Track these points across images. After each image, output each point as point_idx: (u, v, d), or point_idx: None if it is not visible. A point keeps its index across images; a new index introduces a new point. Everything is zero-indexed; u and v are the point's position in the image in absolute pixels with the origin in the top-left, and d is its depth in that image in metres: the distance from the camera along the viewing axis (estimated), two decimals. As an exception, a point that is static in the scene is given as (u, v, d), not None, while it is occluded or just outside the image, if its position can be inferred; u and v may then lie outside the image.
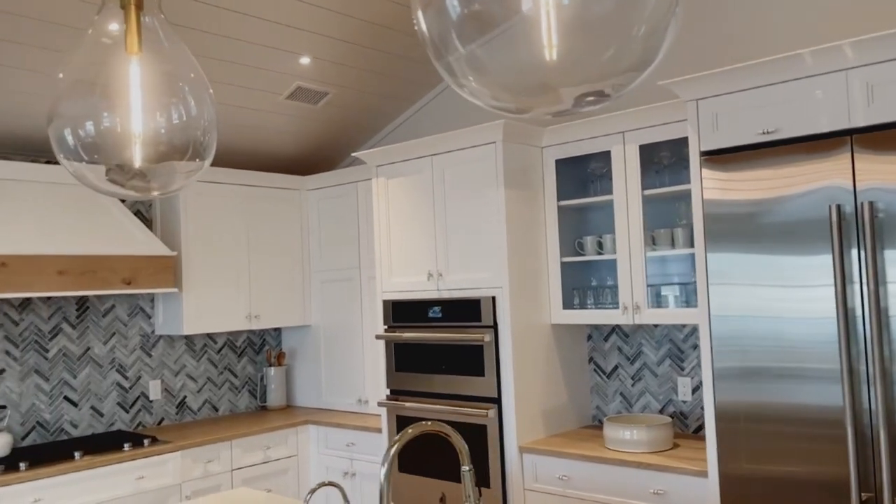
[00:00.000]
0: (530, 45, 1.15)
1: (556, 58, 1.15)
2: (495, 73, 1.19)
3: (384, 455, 1.70)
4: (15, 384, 3.97)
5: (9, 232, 3.60)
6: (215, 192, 4.54)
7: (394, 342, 4.01)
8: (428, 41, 1.19)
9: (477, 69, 1.19)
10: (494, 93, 1.21)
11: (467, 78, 1.20)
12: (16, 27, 3.12)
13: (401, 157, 3.99)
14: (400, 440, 1.73)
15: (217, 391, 4.86)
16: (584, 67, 1.17)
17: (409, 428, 1.76)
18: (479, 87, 1.22)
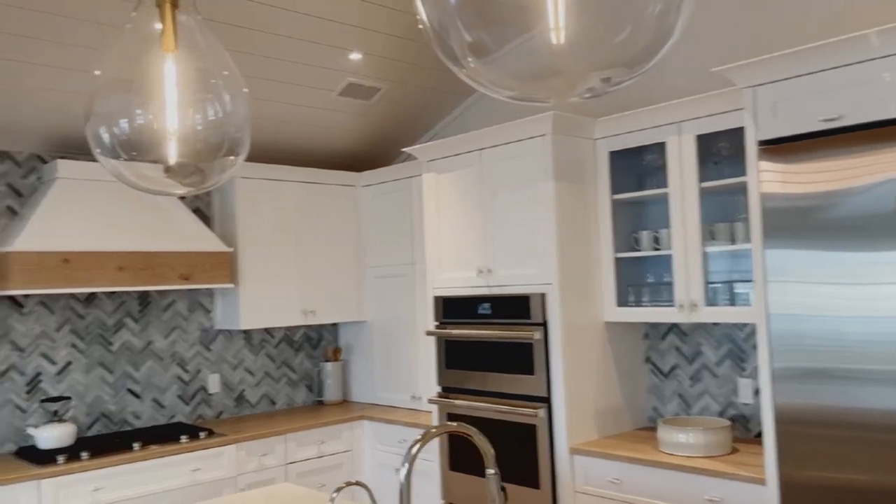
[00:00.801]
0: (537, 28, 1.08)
1: (563, 41, 1.08)
2: (501, 59, 1.13)
3: (405, 455, 1.66)
4: (81, 376, 4.12)
5: (72, 229, 3.73)
6: (271, 189, 4.60)
7: (444, 339, 3.97)
8: (429, 29, 1.13)
9: (481, 55, 1.13)
10: (501, 80, 1.15)
11: (470, 65, 1.14)
12: (67, 28, 3.22)
13: (450, 152, 3.95)
14: (422, 441, 1.69)
15: (275, 385, 4.94)
16: (595, 51, 1.09)
17: (431, 428, 1.71)
18: (486, 74, 1.16)
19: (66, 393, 4.06)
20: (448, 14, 1.11)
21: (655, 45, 1.08)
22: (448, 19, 1.11)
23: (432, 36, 1.15)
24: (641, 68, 1.11)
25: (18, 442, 3.90)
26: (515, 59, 1.13)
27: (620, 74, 1.11)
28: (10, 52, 3.25)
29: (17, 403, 3.90)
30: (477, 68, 1.16)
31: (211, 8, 3.33)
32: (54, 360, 4.04)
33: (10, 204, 3.95)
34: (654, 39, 1.07)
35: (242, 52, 3.68)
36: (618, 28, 1.08)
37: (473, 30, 1.11)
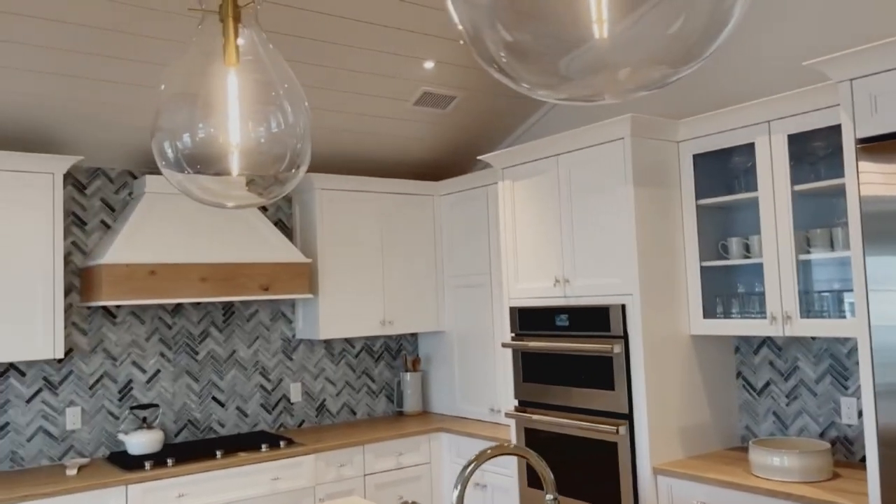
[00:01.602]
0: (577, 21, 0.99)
1: (607, 35, 0.98)
2: (539, 58, 1.04)
3: (458, 476, 1.58)
4: (169, 384, 4.26)
5: (158, 242, 3.86)
6: (350, 200, 4.63)
7: (520, 351, 3.86)
8: (463, 32, 1.06)
9: (518, 55, 1.05)
10: (541, 80, 1.06)
11: (508, 66, 1.06)
12: (152, 48, 3.32)
13: (525, 159, 3.85)
14: (477, 462, 1.61)
15: (355, 395, 4.96)
16: (642, 43, 0.99)
17: (487, 449, 1.63)
18: (525, 75, 1.07)
19: (155, 400, 4.20)
20: (481, 13, 1.03)
21: (710, 33, 0.97)
22: (482, 19, 1.04)
23: (467, 39, 1.08)
24: (694, 62, 0.99)
25: (111, 447, 4.05)
26: (555, 57, 1.04)
27: (672, 68, 1.00)
28: (101, 72, 3.40)
29: (110, 410, 4.06)
30: (515, 69, 1.07)
31: (284, 22, 3.37)
32: (144, 368, 4.18)
33: (104, 218, 4.13)
34: (708, 28, 0.96)
35: (316, 64, 3.72)
36: (667, 17, 0.97)
37: (509, 28, 1.03)
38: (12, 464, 3.78)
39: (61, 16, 3.01)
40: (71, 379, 3.96)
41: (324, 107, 4.10)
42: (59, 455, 3.90)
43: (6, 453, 3.76)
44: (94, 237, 4.09)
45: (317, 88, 3.92)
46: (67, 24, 3.06)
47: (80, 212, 4.06)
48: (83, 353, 4.01)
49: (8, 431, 3.77)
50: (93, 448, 4.00)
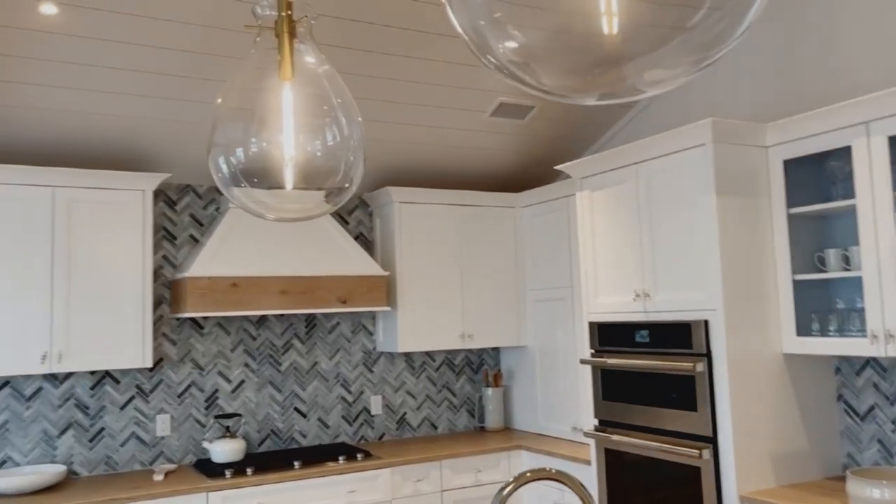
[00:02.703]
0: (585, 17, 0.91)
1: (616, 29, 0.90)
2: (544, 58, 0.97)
3: (495, 496, 1.50)
4: (252, 394, 4.36)
5: (240, 256, 3.97)
6: (428, 213, 4.62)
7: (600, 368, 3.71)
8: (464, 37, 1.00)
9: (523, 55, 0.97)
10: (547, 80, 0.98)
11: (513, 67, 0.99)
12: (226, 68, 3.43)
13: (603, 168, 3.71)
14: (515, 483, 1.53)
15: (436, 409, 4.92)
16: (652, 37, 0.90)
17: (527, 472, 1.54)
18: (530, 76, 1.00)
19: (239, 410, 4.31)
20: (481, 14, 0.97)
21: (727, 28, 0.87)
22: (482, 20, 0.97)
23: (470, 44, 1.02)
24: (709, 56, 0.89)
25: (198, 454, 4.19)
26: (562, 56, 0.96)
27: (686, 64, 0.90)
28: (188, 93, 3.54)
29: (197, 418, 4.21)
30: (520, 69, 1.00)
31: (357, 37, 3.40)
32: (229, 378, 4.31)
33: (193, 233, 4.29)
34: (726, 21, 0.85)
35: (391, 78, 3.73)
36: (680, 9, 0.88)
37: (511, 28, 0.96)
38: (107, 468, 3.97)
39: (150, 41, 3.15)
40: (161, 387, 4.13)
41: (400, 120, 4.12)
42: (150, 460, 4.07)
43: (102, 457, 3.96)
44: (184, 251, 4.26)
45: (393, 102, 3.94)
46: (156, 49, 3.21)
47: (170, 227, 4.24)
48: (172, 362, 4.17)
49: (103, 436, 3.97)
50: (181, 455, 4.14)
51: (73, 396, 3.92)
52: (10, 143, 3.67)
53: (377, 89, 3.80)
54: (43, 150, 3.77)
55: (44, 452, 3.83)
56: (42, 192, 3.62)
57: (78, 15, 2.95)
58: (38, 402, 3.84)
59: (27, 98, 3.38)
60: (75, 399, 3.92)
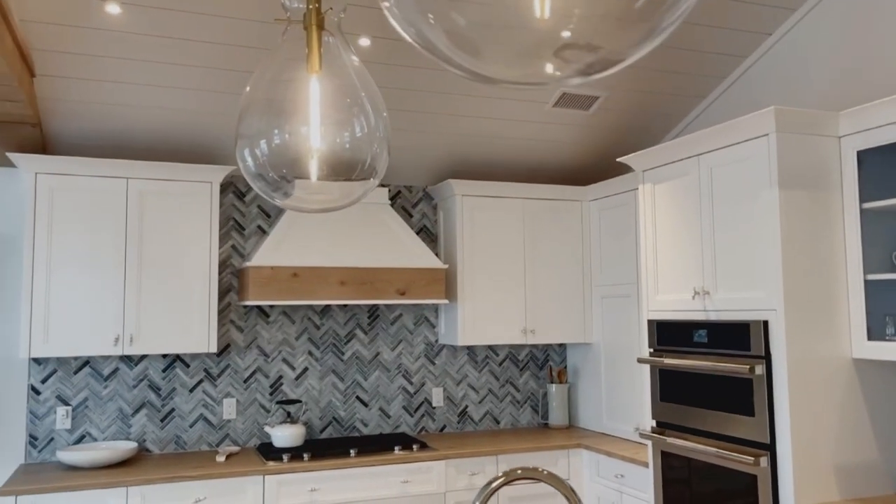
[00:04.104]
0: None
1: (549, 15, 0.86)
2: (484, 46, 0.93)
3: (481, 490, 1.47)
4: (315, 382, 4.47)
5: (302, 247, 4.07)
6: (491, 206, 4.58)
7: (658, 368, 3.58)
8: (406, 35, 0.97)
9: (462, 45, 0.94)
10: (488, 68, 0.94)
11: (460, 59, 0.96)
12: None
13: (666, 160, 3.57)
14: (505, 479, 1.49)
15: (498, 404, 4.89)
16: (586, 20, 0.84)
17: (518, 469, 1.50)
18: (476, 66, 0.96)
19: (302, 397, 4.42)
20: (414, 10, 0.94)
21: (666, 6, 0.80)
22: (416, 16, 0.95)
23: (419, 47, 0.99)
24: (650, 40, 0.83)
25: (261, 438, 4.33)
26: (498, 43, 0.92)
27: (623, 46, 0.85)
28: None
29: (261, 403, 4.35)
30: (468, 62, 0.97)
31: (416, 30, 3.41)
32: (293, 365, 4.43)
33: (260, 224, 4.43)
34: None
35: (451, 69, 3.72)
36: None
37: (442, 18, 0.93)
38: (176, 447, 4.16)
39: (212, 37, 3.27)
40: (228, 372, 4.29)
41: (462, 112, 4.10)
42: (216, 442, 4.24)
43: (172, 437, 4.16)
44: (252, 241, 4.40)
45: (454, 94, 3.92)
46: (218, 45, 3.33)
47: (239, 218, 4.39)
48: (239, 348, 4.33)
49: (173, 417, 4.17)
50: (245, 438, 4.29)
51: (147, 378, 4.13)
52: (85, 136, 3.90)
53: (437, 81, 3.79)
54: (116, 143, 3.99)
55: (119, 429, 4.06)
56: (116, 184, 3.83)
57: (140, 13, 3.09)
58: (114, 382, 4.07)
59: (98, 94, 3.57)
60: (148, 380, 4.14)
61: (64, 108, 3.64)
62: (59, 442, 3.95)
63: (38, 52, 3.25)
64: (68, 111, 3.67)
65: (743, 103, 4.02)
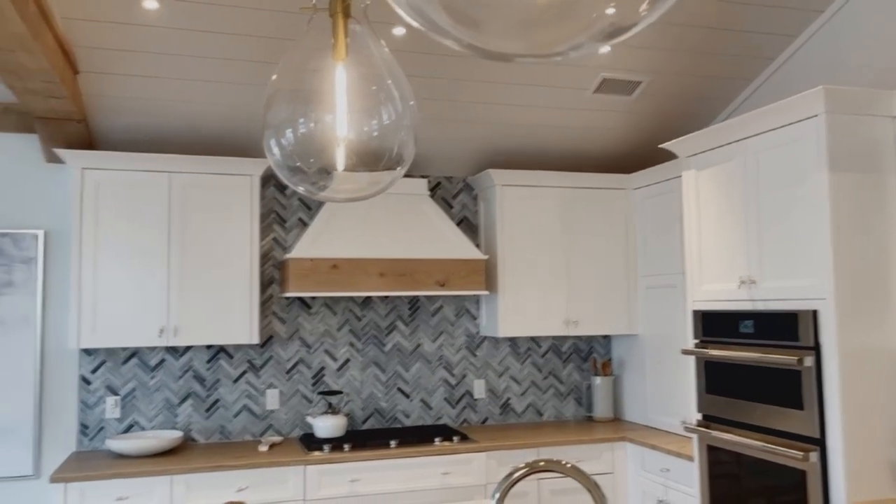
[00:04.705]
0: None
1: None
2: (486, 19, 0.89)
3: (500, 483, 1.43)
4: (357, 373, 4.48)
5: (341, 238, 4.07)
6: (531, 196, 4.52)
7: (703, 359, 3.47)
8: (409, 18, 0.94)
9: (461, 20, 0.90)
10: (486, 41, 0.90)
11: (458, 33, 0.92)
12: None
13: (710, 145, 3.45)
14: (528, 468, 1.45)
15: (541, 396, 4.83)
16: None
17: (541, 461, 1.46)
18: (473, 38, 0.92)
19: (344, 388, 4.44)
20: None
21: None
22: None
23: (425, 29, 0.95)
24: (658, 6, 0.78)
25: (304, 428, 4.37)
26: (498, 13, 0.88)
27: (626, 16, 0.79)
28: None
29: (304, 394, 4.38)
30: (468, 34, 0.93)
31: (451, 18, 3.37)
32: (335, 356, 4.45)
33: (301, 216, 4.46)
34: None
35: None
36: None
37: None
38: (221, 436, 4.23)
39: (248, 30, 3.29)
40: (271, 363, 4.34)
41: (501, 101, 4.04)
42: (260, 432, 4.29)
43: (217, 427, 4.22)
44: (293, 234, 4.44)
45: (492, 83, 3.87)
46: (258, 38, 3.34)
47: (280, 210, 4.43)
48: (282, 340, 4.37)
49: (218, 407, 4.23)
50: (288, 428, 4.34)
51: (192, 368, 4.21)
52: (129, 131, 3.97)
53: (475, 70, 3.75)
54: (159, 137, 4.05)
55: (166, 419, 4.15)
56: (159, 178, 3.90)
57: (177, 8, 3.12)
58: (161, 373, 4.16)
59: (139, 89, 3.64)
60: (193, 371, 4.21)
61: (107, 103, 3.72)
62: (109, 430, 4.06)
63: (80, 49, 3.32)
64: (112, 107, 3.75)
65: (792, 86, 3.86)
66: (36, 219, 4.03)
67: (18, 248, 3.98)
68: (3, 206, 3.98)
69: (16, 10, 2.36)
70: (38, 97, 3.33)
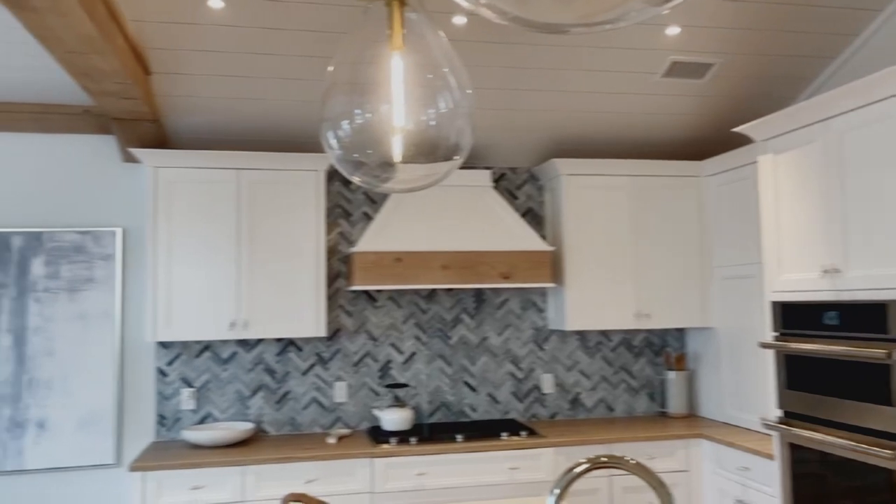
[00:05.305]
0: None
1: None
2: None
3: (560, 478, 1.38)
4: (423, 366, 4.47)
5: (405, 232, 4.07)
6: (598, 185, 4.40)
7: (783, 353, 3.30)
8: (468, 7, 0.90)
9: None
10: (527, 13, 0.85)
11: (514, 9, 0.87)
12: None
13: (788, 127, 3.27)
14: (590, 464, 1.38)
15: (612, 391, 4.71)
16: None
17: (603, 457, 1.40)
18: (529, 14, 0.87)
19: (410, 381, 4.44)
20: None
21: None
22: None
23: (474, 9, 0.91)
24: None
25: (372, 421, 4.39)
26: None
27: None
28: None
29: (371, 387, 4.40)
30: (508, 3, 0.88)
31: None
32: (401, 349, 4.45)
33: (366, 210, 4.48)
34: None
35: (552, 45, 3.58)
36: None
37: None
38: (291, 428, 4.29)
39: (313, 25, 3.31)
40: (338, 356, 4.38)
41: (564, 89, 3.95)
42: (328, 424, 4.34)
43: (287, 419, 4.29)
44: (358, 227, 4.46)
45: (555, 69, 3.78)
46: (319, 33, 3.36)
47: (346, 205, 4.45)
48: (349, 333, 4.40)
49: (288, 399, 4.30)
50: (357, 420, 4.37)
51: (262, 361, 4.28)
52: (199, 130, 4.06)
53: (537, 57, 3.67)
54: (228, 135, 4.13)
55: (238, 411, 4.24)
56: (228, 175, 3.97)
57: (240, 6, 3.16)
58: (233, 366, 4.25)
59: (207, 88, 3.71)
60: (264, 364, 4.28)
61: (178, 103, 3.81)
62: (185, 421, 4.17)
63: (151, 51, 3.40)
64: (182, 106, 3.84)
65: (879, 63, 3.62)
66: (114, 217, 4.17)
67: (99, 246, 4.13)
68: (84, 206, 4.14)
69: (85, 13, 2.43)
70: (112, 98, 3.44)
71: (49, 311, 4.04)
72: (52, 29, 2.49)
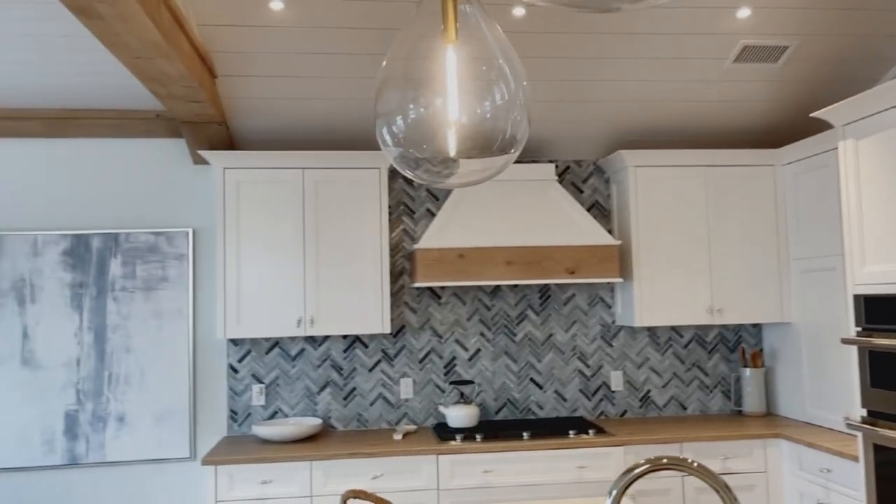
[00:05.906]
0: None
1: None
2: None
3: (617, 480, 1.32)
4: (489, 363, 4.44)
5: (467, 228, 4.04)
6: (667, 177, 4.26)
7: (867, 349, 3.12)
8: None
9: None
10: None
11: None
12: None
13: (870, 110, 3.08)
14: (650, 464, 1.33)
15: (684, 389, 4.56)
16: None
17: (664, 458, 1.33)
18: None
19: (475, 378, 4.41)
20: None
21: None
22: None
23: None
24: None
25: (438, 418, 4.38)
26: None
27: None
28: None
29: (436, 383, 4.40)
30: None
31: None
32: (466, 346, 4.43)
33: (429, 207, 4.47)
34: None
35: (616, 33, 3.49)
36: None
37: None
38: (358, 424, 4.33)
39: (372, 23, 3.32)
40: (404, 353, 4.39)
41: (627, 78, 3.84)
42: (395, 420, 4.35)
43: (354, 414, 4.33)
44: (421, 224, 4.45)
45: (619, 59, 3.68)
46: (378, 31, 3.37)
47: (409, 202, 4.46)
48: (413, 329, 4.40)
49: (355, 396, 4.33)
50: (422, 417, 4.37)
51: (329, 358, 4.33)
52: (265, 131, 4.13)
53: (600, 46, 3.58)
54: (292, 135, 4.19)
55: (306, 406, 4.30)
56: (293, 175, 4.03)
57: (300, 6, 3.20)
58: (301, 362, 4.32)
59: (271, 89, 3.77)
60: (331, 360, 4.33)
61: (243, 105, 3.89)
62: (255, 417, 4.26)
63: (216, 55, 3.48)
64: (247, 108, 3.92)
65: (973, 36, 3.38)
66: (186, 217, 4.30)
67: (171, 246, 4.26)
68: (157, 207, 4.28)
69: (149, 18, 2.50)
70: (180, 102, 3.54)
71: (126, 309, 4.20)
72: (118, 35, 2.57)
